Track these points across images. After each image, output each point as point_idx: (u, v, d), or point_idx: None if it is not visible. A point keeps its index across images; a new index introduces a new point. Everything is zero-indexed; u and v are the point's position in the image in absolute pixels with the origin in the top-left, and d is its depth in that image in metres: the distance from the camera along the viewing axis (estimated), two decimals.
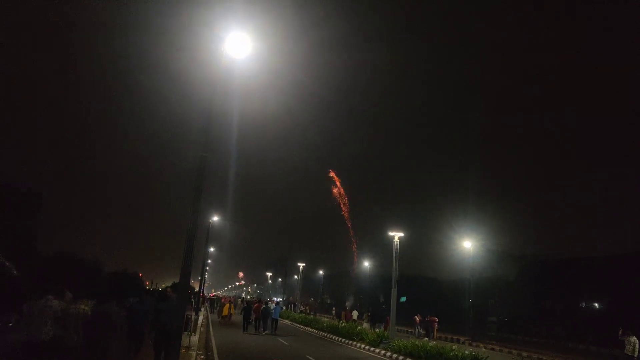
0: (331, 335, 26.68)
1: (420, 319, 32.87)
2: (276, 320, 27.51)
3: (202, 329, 24.16)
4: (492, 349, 26.20)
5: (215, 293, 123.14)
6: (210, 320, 34.41)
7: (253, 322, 26.99)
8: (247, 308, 27.75)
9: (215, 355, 15.56)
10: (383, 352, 19.76)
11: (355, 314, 38.85)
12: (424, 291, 52.48)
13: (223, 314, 32.80)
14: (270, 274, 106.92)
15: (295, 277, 75.66)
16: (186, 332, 16.93)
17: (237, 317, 33.23)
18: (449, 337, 31.36)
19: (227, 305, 33.55)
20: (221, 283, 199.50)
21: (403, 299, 27.75)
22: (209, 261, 57.05)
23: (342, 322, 30.23)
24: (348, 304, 59.85)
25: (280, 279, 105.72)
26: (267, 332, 26.30)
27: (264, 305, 27.90)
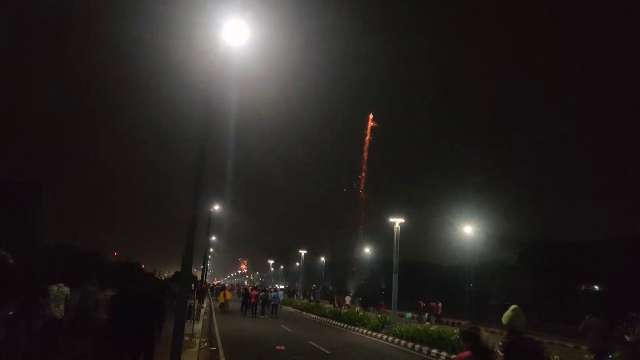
0: (333, 321, 26.89)
1: (424, 305, 33.30)
2: (275, 306, 29.15)
3: (205, 317, 24.32)
4: (493, 332, 26.37)
5: (219, 281, 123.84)
6: (213, 308, 34.63)
7: (252, 307, 29.39)
8: (246, 294, 30.24)
9: (219, 343, 15.67)
10: (385, 336, 19.93)
11: (348, 299, 39.51)
12: (425, 276, 52.76)
13: (220, 301, 33.62)
14: (272, 261, 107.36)
15: (297, 264, 76.05)
16: (189, 320, 17.05)
17: (232, 304, 33.92)
18: (450, 321, 31.62)
19: (223, 292, 34.64)
20: (223, 271, 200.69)
21: (408, 315, 29.37)
22: (211, 250, 57.24)
23: (345, 309, 30.57)
24: (351, 289, 60.23)
25: (282, 267, 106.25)
26: (265, 316, 28.38)
27: (262, 292, 31.03)
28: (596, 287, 39.12)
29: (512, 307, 4.91)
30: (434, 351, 15.67)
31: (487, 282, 44.08)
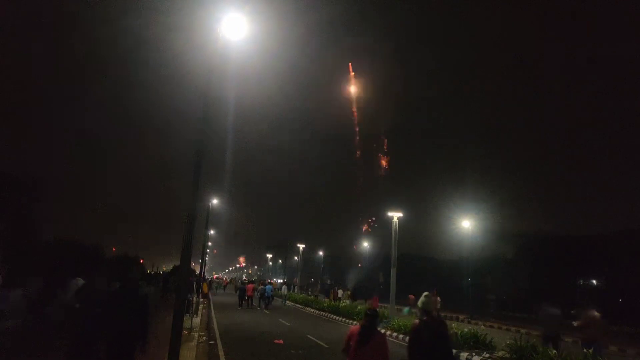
0: (332, 315, 26.95)
1: (414, 298, 33.40)
2: (269, 298, 32.58)
3: (203, 311, 24.38)
4: (491, 326, 26.52)
5: (217, 275, 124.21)
6: (211, 302, 34.74)
7: (248, 299, 31.55)
8: (242, 288, 32.71)
9: (218, 337, 15.72)
10: (383, 330, 19.98)
11: (340, 292, 40.00)
12: (423, 270, 52.88)
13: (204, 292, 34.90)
14: (271, 255, 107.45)
15: (296, 258, 76.14)
16: (188, 314, 17.10)
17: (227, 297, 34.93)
18: (449, 315, 31.70)
19: (205, 284, 36.35)
20: (222, 265, 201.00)
21: (406, 310, 30.37)
22: (209, 244, 57.28)
23: (343, 302, 30.72)
24: (349, 283, 60.45)
25: (280, 261, 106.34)
26: (261, 308, 30.78)
27: (261, 286, 34.40)
28: (594, 281, 39.26)
29: (425, 293, 6.31)
30: None
31: (485, 276, 44.21)
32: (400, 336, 18.12)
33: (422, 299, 6.23)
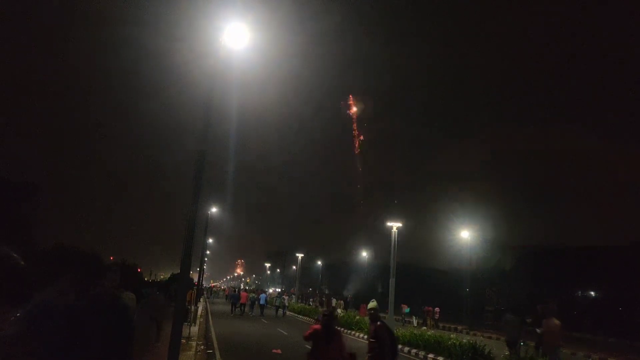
0: None
1: (407, 308, 33.66)
2: (262, 306, 34.21)
3: (201, 319, 24.28)
4: (490, 337, 26.43)
5: (215, 284, 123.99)
6: (209, 310, 34.62)
7: (241, 307, 32.60)
8: (235, 295, 34.01)
9: (216, 345, 15.65)
10: None
11: (334, 301, 40.10)
12: (422, 280, 52.79)
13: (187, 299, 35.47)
14: (269, 264, 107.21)
15: (294, 267, 75.94)
16: (186, 323, 17.03)
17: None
18: (447, 325, 31.60)
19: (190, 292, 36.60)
20: (220, 274, 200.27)
21: (407, 310, 30.76)
22: (208, 252, 57.12)
23: (341, 312, 30.60)
24: (347, 293, 60.25)
25: (278, 270, 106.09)
26: (253, 314, 32.57)
27: (252, 294, 35.73)
28: (592, 293, 39.19)
29: (373, 300, 7.67)
30: (431, 355, 15.67)
31: (484, 286, 44.14)
32: (399, 347, 18.04)
33: (370, 304, 7.53)
